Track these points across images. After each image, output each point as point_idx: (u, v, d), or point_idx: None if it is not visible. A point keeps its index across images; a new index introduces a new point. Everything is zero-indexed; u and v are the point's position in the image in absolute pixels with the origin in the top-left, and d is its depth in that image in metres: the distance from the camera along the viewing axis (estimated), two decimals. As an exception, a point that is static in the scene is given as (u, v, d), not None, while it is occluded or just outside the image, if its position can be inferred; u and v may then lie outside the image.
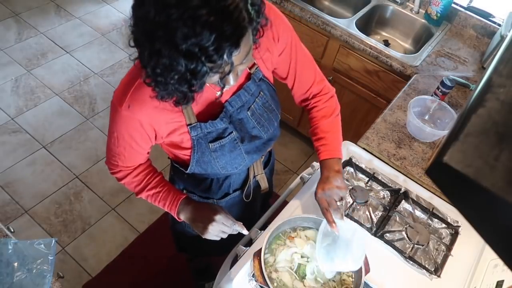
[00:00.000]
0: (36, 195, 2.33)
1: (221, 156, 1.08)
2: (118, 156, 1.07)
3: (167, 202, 1.12)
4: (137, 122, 0.96)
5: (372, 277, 1.17)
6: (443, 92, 1.65)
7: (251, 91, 1.07)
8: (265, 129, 1.14)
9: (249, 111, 1.09)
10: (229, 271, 1.16)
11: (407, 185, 1.44)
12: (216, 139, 1.06)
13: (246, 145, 1.11)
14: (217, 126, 1.04)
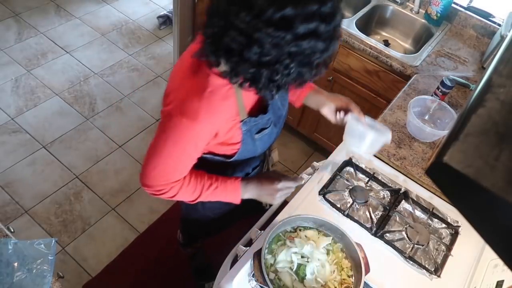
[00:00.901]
0: (36, 195, 2.33)
1: (261, 143, 1.16)
2: (176, 173, 1.04)
3: (228, 193, 1.14)
4: (208, 131, 0.98)
5: (372, 277, 1.17)
6: (443, 92, 1.65)
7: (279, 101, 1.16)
8: (284, 105, 1.21)
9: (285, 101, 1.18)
10: (229, 271, 1.16)
11: (407, 185, 1.44)
12: (260, 130, 1.12)
13: (276, 127, 1.20)
14: (265, 118, 1.10)
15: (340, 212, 1.33)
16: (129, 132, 2.71)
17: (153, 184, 1.06)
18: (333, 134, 2.53)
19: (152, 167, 1.03)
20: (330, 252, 1.17)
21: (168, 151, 0.99)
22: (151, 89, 3.02)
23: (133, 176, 2.49)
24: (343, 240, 1.19)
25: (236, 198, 1.15)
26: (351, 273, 1.15)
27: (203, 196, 1.12)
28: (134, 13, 3.61)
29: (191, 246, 1.95)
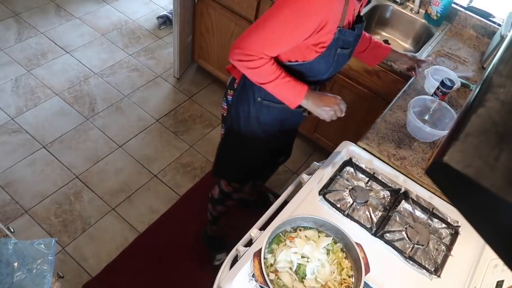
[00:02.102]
0: (36, 195, 2.33)
1: (336, 63, 1.32)
2: (275, 45, 1.21)
3: (295, 91, 1.29)
4: (323, 14, 1.14)
5: (372, 277, 1.17)
6: (443, 92, 1.65)
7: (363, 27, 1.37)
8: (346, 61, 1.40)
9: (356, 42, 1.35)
10: (229, 271, 1.16)
11: (407, 185, 1.44)
12: (342, 48, 1.29)
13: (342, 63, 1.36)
14: (351, 37, 1.28)
15: (340, 212, 1.33)
16: (129, 132, 2.71)
17: (248, 47, 1.20)
18: (333, 134, 2.53)
19: (258, 32, 1.19)
20: (330, 252, 1.17)
21: (284, 21, 1.15)
22: (151, 89, 3.02)
23: (133, 176, 2.49)
24: (343, 240, 1.19)
25: (298, 99, 1.30)
26: (351, 273, 1.15)
27: (276, 82, 1.26)
28: (134, 13, 3.61)
29: (224, 202, 1.95)
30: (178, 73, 3.07)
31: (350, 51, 1.37)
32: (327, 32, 1.21)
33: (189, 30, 2.85)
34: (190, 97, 3.02)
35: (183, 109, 2.93)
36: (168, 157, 2.63)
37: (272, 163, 1.97)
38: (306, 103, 1.33)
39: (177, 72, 3.07)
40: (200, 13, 2.67)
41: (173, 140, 2.73)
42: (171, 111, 2.90)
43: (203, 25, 2.72)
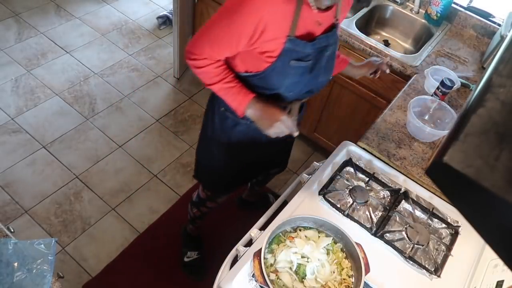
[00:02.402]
0: (36, 195, 2.33)
1: (290, 76, 1.23)
2: (215, 43, 1.18)
3: (239, 97, 1.24)
4: (258, 17, 1.07)
5: (372, 277, 1.17)
6: (443, 92, 1.65)
7: (333, 39, 1.26)
8: (326, 74, 1.32)
9: (327, 53, 1.26)
10: (229, 271, 1.16)
11: (407, 185, 1.44)
12: (297, 59, 1.20)
13: (309, 78, 1.27)
14: (307, 48, 1.19)
15: (340, 212, 1.33)
16: (129, 132, 2.71)
17: (194, 47, 1.22)
18: (333, 134, 2.53)
19: (201, 32, 1.19)
20: (330, 252, 1.17)
21: (219, 19, 1.14)
22: (151, 89, 3.02)
23: (133, 176, 2.49)
24: (343, 240, 1.19)
25: (240, 107, 1.25)
26: (351, 273, 1.15)
27: (219, 85, 1.24)
28: (134, 13, 3.61)
29: (199, 207, 1.94)
30: (178, 73, 3.07)
31: (314, 64, 1.25)
32: (271, 39, 1.14)
33: (189, 30, 2.85)
34: (190, 97, 3.02)
35: (183, 109, 2.93)
36: (168, 157, 2.63)
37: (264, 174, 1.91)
38: (249, 113, 1.26)
39: (177, 72, 3.07)
40: (200, 13, 2.67)
41: (173, 140, 2.73)
42: (171, 111, 2.90)
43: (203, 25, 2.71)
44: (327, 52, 1.26)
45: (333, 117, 2.45)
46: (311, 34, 1.20)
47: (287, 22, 1.12)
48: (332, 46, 1.28)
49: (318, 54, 1.24)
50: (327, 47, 1.25)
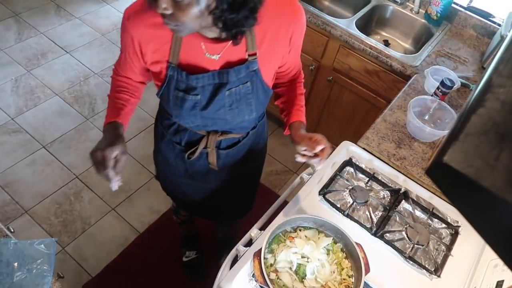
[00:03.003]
0: (36, 195, 2.33)
1: (178, 107, 1.13)
2: (119, 59, 1.19)
3: (108, 115, 1.18)
4: (129, 36, 1.04)
5: (372, 277, 1.17)
6: (443, 92, 1.65)
7: (240, 75, 1.09)
8: (232, 115, 1.17)
9: (228, 91, 1.10)
10: (229, 271, 1.16)
11: (407, 185, 1.44)
12: (182, 90, 1.10)
13: (205, 114, 1.14)
14: (190, 81, 1.07)
15: (340, 212, 1.33)
16: (129, 132, 2.71)
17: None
18: (333, 134, 2.53)
19: None
20: (330, 252, 1.17)
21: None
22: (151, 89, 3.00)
23: (133, 176, 2.49)
24: (343, 240, 1.19)
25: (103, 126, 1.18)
26: (351, 273, 1.15)
27: (110, 97, 1.24)
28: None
29: (177, 213, 1.94)
30: (178, 73, 3.06)
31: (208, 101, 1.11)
32: (155, 61, 1.07)
33: (189, 30, 2.85)
34: (190, 97, 3.02)
35: (183, 109, 2.93)
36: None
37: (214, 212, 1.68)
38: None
39: (177, 72, 3.06)
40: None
41: (173, 140, 2.73)
42: (171, 111, 2.90)
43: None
44: (225, 90, 1.09)
45: (333, 117, 2.45)
46: (200, 66, 1.07)
47: (166, 47, 1.04)
48: (238, 85, 1.10)
49: (212, 90, 1.10)
50: (225, 84, 1.08)
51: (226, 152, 1.34)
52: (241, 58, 1.08)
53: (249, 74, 1.10)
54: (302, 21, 1.13)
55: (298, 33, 1.13)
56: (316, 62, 2.27)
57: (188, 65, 1.07)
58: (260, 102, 1.19)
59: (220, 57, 1.06)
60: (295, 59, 1.24)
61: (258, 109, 1.20)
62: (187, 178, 1.43)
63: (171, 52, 1.05)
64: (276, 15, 1.05)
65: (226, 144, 1.32)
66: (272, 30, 1.06)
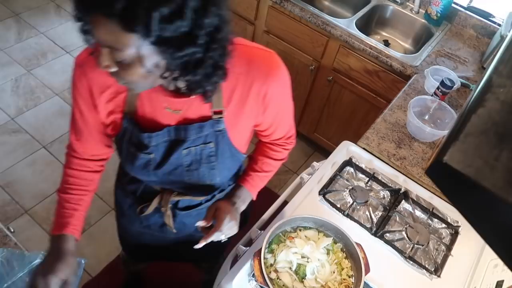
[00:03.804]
0: (36, 195, 2.33)
1: (130, 164, 1.01)
2: (73, 126, 1.03)
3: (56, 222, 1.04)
4: (83, 84, 0.93)
5: (372, 277, 1.17)
6: (443, 92, 1.65)
7: (201, 134, 0.96)
8: (190, 177, 1.04)
9: (187, 150, 0.98)
10: (229, 271, 1.16)
11: (407, 185, 1.44)
12: (134, 146, 0.98)
13: (159, 173, 1.02)
14: (142, 138, 0.96)
15: (340, 212, 1.33)
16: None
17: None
18: (333, 134, 2.53)
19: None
20: (330, 252, 1.17)
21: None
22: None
23: (133, 176, 2.49)
24: (343, 240, 1.19)
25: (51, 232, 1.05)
26: (351, 273, 1.15)
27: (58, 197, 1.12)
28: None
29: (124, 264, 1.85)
30: (178, 73, 3.06)
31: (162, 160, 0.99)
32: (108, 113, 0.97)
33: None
34: (190, 97, 3.02)
35: (183, 109, 2.93)
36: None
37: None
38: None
39: (177, 72, 3.06)
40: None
41: (173, 140, 2.73)
42: (171, 111, 2.90)
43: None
44: (182, 148, 0.97)
45: (333, 117, 2.45)
46: (157, 120, 0.96)
47: (121, 96, 0.93)
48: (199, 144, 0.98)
49: (168, 147, 0.98)
50: (182, 142, 0.96)
51: (183, 213, 1.18)
52: (204, 115, 0.95)
53: (214, 134, 0.97)
54: (281, 80, 0.97)
55: (275, 92, 0.96)
56: (316, 62, 2.27)
57: (145, 118, 0.96)
58: (226, 167, 1.06)
59: (181, 111, 0.94)
60: (275, 122, 1.06)
61: (222, 175, 1.07)
62: (142, 228, 1.28)
63: (127, 102, 0.94)
64: (247, 71, 0.92)
65: (184, 205, 1.18)
66: (242, 88, 0.93)
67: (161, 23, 0.66)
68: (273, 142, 1.17)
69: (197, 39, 0.72)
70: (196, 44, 0.72)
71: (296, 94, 2.76)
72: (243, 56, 0.91)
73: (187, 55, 0.73)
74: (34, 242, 2.12)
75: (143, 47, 0.70)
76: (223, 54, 0.81)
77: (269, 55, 0.97)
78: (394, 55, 1.99)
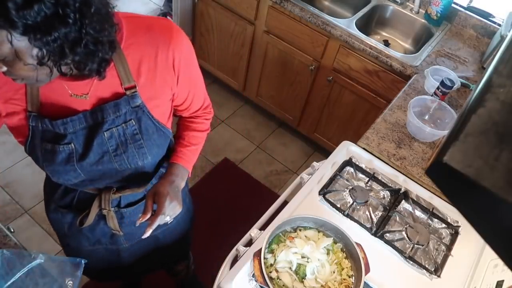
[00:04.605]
0: (36, 195, 2.33)
1: (51, 161, 0.95)
2: None
3: None
4: None
5: (372, 277, 1.17)
6: (443, 92, 1.65)
7: (119, 113, 0.93)
8: (121, 162, 0.99)
9: (108, 132, 0.94)
10: (229, 271, 1.16)
11: (407, 185, 1.44)
12: (50, 141, 0.93)
13: (86, 165, 0.97)
14: (55, 128, 0.91)
15: (340, 212, 1.33)
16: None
17: None
18: (333, 134, 2.53)
19: None
20: (330, 252, 1.17)
21: None
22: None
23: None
24: (343, 240, 1.19)
25: None
26: (351, 273, 1.15)
27: None
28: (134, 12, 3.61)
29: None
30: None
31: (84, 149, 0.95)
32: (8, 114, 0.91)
33: (188, 30, 2.85)
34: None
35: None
36: (168, 157, 2.62)
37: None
38: None
39: (177, 72, 3.06)
40: (200, 13, 2.67)
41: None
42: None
43: (203, 25, 2.72)
44: (102, 131, 0.93)
45: (333, 117, 2.45)
46: (67, 109, 0.91)
47: (20, 93, 0.88)
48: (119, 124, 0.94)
49: (87, 134, 0.93)
50: (101, 124, 0.93)
51: (129, 210, 1.14)
52: (116, 92, 0.93)
53: (132, 111, 0.94)
54: (185, 44, 0.96)
55: (182, 57, 0.96)
56: (316, 62, 2.27)
57: (53, 111, 0.91)
58: (155, 144, 1.01)
59: (90, 96, 0.91)
60: (190, 92, 1.06)
61: (152, 153, 1.02)
62: (92, 245, 1.23)
63: (27, 98, 0.89)
64: (148, 41, 0.91)
65: (127, 201, 1.13)
66: (148, 58, 0.92)
67: (20, 11, 0.64)
68: (193, 115, 1.17)
69: (66, 18, 0.69)
70: (68, 24, 0.70)
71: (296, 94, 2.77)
72: (141, 26, 0.91)
73: (60, 37, 0.70)
74: (34, 242, 2.13)
75: (16, 40, 0.68)
76: (103, 29, 0.77)
77: (167, 21, 0.97)
78: (394, 55, 1.99)
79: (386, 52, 2.00)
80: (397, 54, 2.00)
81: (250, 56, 2.60)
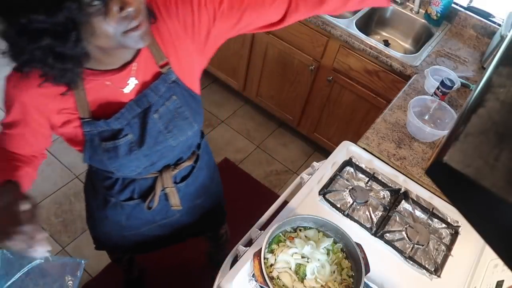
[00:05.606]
0: (36, 195, 2.33)
1: (115, 158, 0.99)
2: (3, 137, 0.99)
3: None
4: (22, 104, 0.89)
5: (372, 277, 1.17)
6: (443, 92, 1.65)
7: (160, 92, 0.97)
8: (174, 136, 1.04)
9: (157, 114, 0.98)
10: (229, 271, 1.16)
11: (407, 185, 1.44)
12: (110, 139, 0.97)
13: (146, 150, 1.01)
14: (111, 125, 0.95)
15: (340, 212, 1.33)
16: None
17: None
18: (333, 134, 2.53)
19: None
20: (330, 252, 1.17)
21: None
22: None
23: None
24: (343, 240, 1.19)
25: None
26: (351, 273, 1.15)
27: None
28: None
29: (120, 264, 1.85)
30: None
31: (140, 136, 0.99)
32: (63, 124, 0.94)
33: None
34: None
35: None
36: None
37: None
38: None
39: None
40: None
41: (173, 140, 2.72)
42: (171, 111, 2.90)
43: (203, 25, 2.71)
44: (152, 113, 0.98)
45: (333, 117, 2.45)
46: (117, 104, 0.95)
47: (69, 104, 0.91)
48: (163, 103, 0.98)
49: (140, 121, 0.98)
50: (149, 108, 0.97)
51: (184, 184, 1.23)
52: (155, 72, 0.96)
53: (170, 87, 0.98)
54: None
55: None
56: (316, 62, 2.27)
57: (103, 110, 0.94)
58: (195, 112, 1.06)
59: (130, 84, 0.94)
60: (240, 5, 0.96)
61: (196, 119, 1.07)
62: (149, 225, 1.32)
63: (78, 105, 0.91)
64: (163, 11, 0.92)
65: (181, 176, 1.22)
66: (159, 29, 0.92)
67: None
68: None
69: None
70: None
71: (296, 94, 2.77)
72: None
73: None
74: (34, 242, 2.12)
75: None
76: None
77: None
78: (394, 55, 1.99)
79: (386, 52, 2.00)
80: (397, 54, 2.00)
81: (250, 56, 2.60)
